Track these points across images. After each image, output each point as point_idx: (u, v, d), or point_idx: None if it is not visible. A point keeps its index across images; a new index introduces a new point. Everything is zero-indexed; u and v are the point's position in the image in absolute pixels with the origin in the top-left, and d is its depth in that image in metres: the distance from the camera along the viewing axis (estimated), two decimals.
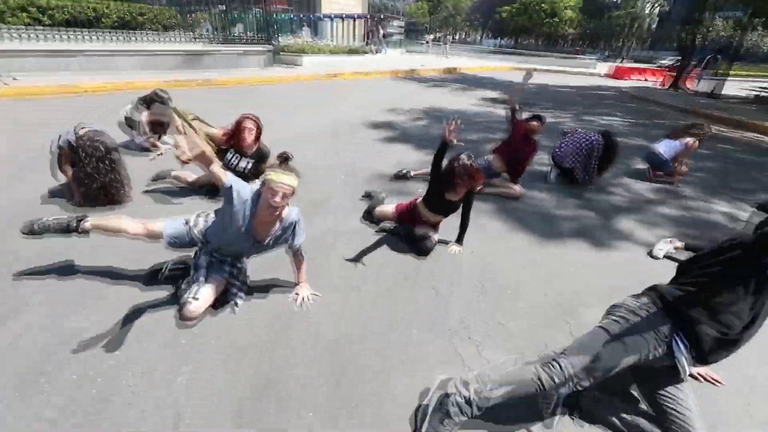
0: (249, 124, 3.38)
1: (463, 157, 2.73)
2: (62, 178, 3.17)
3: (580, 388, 1.49)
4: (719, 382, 1.90)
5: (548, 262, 2.92)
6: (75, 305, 2.11)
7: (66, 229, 2.21)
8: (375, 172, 4.46)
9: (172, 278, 2.32)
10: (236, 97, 8.25)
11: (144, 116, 4.35)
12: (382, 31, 23.67)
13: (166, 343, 1.92)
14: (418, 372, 1.86)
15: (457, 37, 67.49)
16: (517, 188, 4.11)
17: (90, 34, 9.62)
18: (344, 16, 21.27)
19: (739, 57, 16.44)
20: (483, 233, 3.28)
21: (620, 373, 1.52)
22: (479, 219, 3.52)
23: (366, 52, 17.62)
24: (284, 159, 2.00)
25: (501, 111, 8.99)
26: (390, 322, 2.18)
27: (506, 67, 22.68)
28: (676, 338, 1.45)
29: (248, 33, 12.70)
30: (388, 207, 3.21)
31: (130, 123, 4.42)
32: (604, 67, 25.40)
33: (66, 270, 2.39)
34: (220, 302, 2.15)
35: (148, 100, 4.38)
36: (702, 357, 1.46)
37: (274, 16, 14.02)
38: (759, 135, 8.83)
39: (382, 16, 26.99)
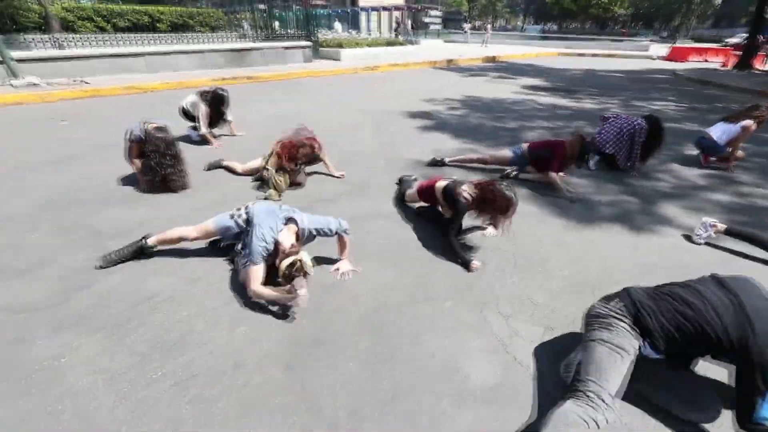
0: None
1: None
2: (134, 166, 3.61)
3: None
4: None
5: (582, 243, 2.96)
6: (151, 272, 2.47)
7: (140, 252, 2.55)
8: (413, 158, 4.61)
9: (228, 249, 2.63)
10: (282, 90, 8.69)
11: (203, 110, 4.76)
12: (410, 22, 23.40)
13: (227, 302, 2.22)
14: (449, 336, 2.03)
15: (498, 24, 65.24)
16: (552, 178, 3.90)
17: (149, 38, 10.45)
18: (381, 8, 21.37)
19: None
20: (518, 216, 3.33)
21: None
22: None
23: (402, 44, 17.60)
24: None
25: (541, 98, 8.78)
26: (425, 294, 2.35)
27: (552, 53, 21.79)
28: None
29: (289, 30, 13.19)
30: (413, 189, 3.27)
31: (187, 113, 4.86)
32: (659, 49, 23.71)
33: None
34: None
35: (210, 98, 4.79)
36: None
37: (314, 12, 14.40)
38: None
39: (419, 7, 26.75)
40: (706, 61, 19.62)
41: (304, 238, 2.37)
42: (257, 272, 2.14)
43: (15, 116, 6.08)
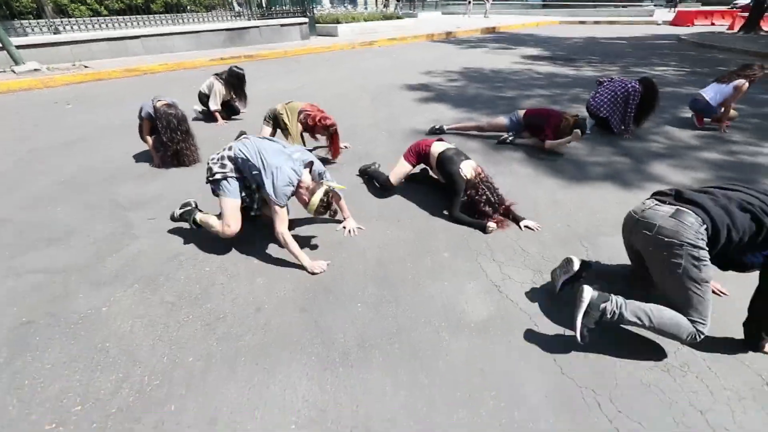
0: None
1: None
2: (147, 143, 3.78)
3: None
4: (723, 293, 2.09)
5: (574, 200, 3.12)
6: (173, 236, 2.68)
7: (190, 221, 2.58)
8: (412, 128, 4.74)
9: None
10: (281, 68, 8.71)
11: (217, 88, 4.86)
12: None
13: (245, 258, 2.44)
14: (447, 281, 2.24)
15: None
16: (548, 145, 4.00)
17: (144, 19, 10.37)
18: None
19: None
20: (513, 177, 3.52)
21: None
22: (511, 165, 3.75)
23: (400, 18, 17.29)
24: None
25: (540, 68, 8.76)
26: (424, 247, 2.55)
27: (553, 22, 21.31)
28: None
29: (284, 7, 13.00)
30: (402, 167, 3.19)
31: (202, 98, 5.00)
32: (664, 14, 23.08)
33: (164, 210, 2.97)
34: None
35: (226, 76, 4.88)
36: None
37: None
38: None
39: None
40: (713, 24, 19.16)
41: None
42: (284, 214, 2.23)
43: (22, 102, 6.22)
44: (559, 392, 1.61)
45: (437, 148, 2.99)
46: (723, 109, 4.61)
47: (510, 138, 4.24)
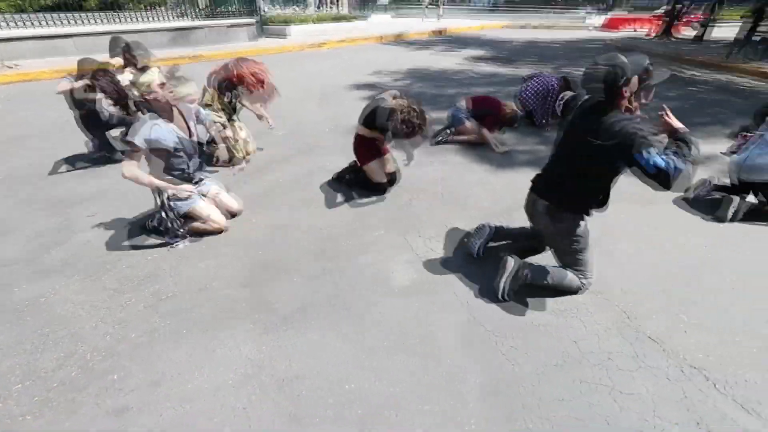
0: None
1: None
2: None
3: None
4: None
5: (502, 183, 3.50)
6: (119, 228, 2.75)
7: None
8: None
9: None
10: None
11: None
12: None
13: (190, 244, 2.56)
14: (379, 254, 2.50)
15: None
16: (485, 133, 4.33)
17: (78, 17, 9.87)
18: None
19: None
20: (448, 165, 3.86)
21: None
22: (445, 155, 4.10)
23: (350, 20, 17.53)
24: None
25: (482, 68, 9.33)
26: (361, 226, 2.80)
27: (497, 25, 22.45)
28: None
29: (233, 6, 12.82)
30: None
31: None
32: (598, 20, 25.00)
33: (106, 207, 3.00)
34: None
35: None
36: None
37: None
38: (732, 75, 9.14)
39: None
40: (635, 30, 21.03)
41: None
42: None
43: None
44: (469, 336, 1.90)
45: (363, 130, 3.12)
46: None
47: (448, 131, 4.57)
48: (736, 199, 2.89)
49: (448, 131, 4.57)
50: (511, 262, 2.12)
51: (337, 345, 1.85)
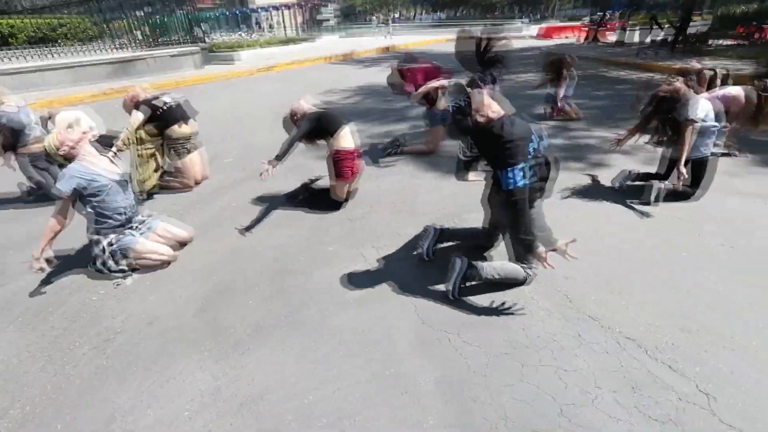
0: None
1: None
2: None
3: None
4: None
5: (451, 188, 3.65)
6: (59, 269, 2.61)
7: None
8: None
9: None
10: None
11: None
12: (264, 19, 22.66)
13: (138, 278, 2.49)
14: (334, 268, 2.54)
15: (398, 15, 67.35)
16: (435, 140, 4.55)
17: (6, 52, 9.37)
18: (276, 6, 21.16)
19: (646, 6, 17.98)
20: (398, 175, 3.98)
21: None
22: (397, 165, 4.23)
23: (299, 42, 17.73)
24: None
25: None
26: (316, 242, 2.84)
27: (443, 40, 23.43)
28: None
29: (175, 35, 12.64)
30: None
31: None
32: (534, 30, 26.72)
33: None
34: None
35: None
36: None
37: (201, 14, 13.89)
38: (651, 73, 10.06)
39: (312, 4, 26.89)
40: (567, 37, 22.66)
41: None
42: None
43: None
44: (423, 337, 1.97)
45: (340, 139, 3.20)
46: (568, 103, 5.70)
47: (397, 148, 4.70)
48: (657, 183, 3.19)
49: (399, 143, 4.72)
50: (459, 263, 2.22)
51: (294, 360, 1.85)
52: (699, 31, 14.07)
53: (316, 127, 3.18)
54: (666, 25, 13.06)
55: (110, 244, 2.40)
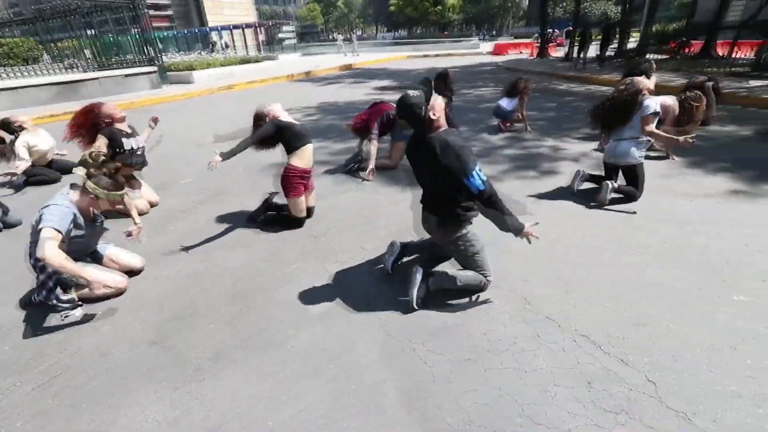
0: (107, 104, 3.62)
1: None
2: None
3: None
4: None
5: (408, 201, 3.71)
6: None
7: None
8: (269, 162, 4.98)
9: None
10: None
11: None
12: (217, 38, 22.63)
13: (87, 310, 2.34)
14: (296, 286, 2.51)
15: (361, 32, 68.68)
16: (397, 155, 4.62)
17: None
18: (232, 27, 21.03)
19: (581, 25, 19.34)
20: (358, 191, 4.01)
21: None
22: (356, 181, 4.25)
23: (258, 61, 17.66)
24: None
25: (389, 96, 9.91)
26: (276, 261, 2.79)
27: (402, 57, 24.08)
28: None
29: (128, 55, 12.25)
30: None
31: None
32: (488, 46, 28.05)
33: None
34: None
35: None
36: None
37: (155, 34, 13.56)
38: (597, 86, 10.79)
39: (271, 23, 26.96)
40: (520, 53, 23.95)
41: None
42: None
43: None
44: (388, 348, 1.98)
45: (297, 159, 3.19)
46: (519, 115, 5.97)
47: (359, 163, 4.74)
48: (609, 183, 3.41)
49: (360, 158, 4.77)
50: (419, 274, 2.27)
51: (256, 384, 1.80)
52: (635, 47, 15.35)
53: (279, 136, 3.14)
54: (594, 43, 14.45)
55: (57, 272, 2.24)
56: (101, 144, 3.37)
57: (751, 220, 3.08)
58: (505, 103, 5.95)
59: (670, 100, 3.86)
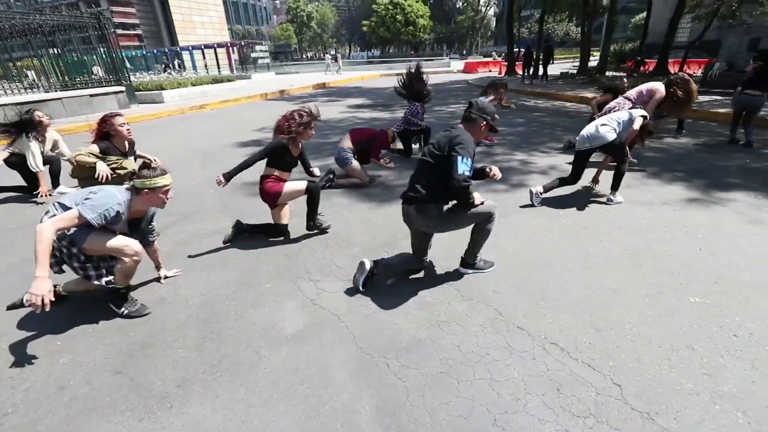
0: (120, 120, 3.90)
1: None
2: None
3: None
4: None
5: (381, 217, 3.75)
6: None
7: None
8: (242, 180, 4.92)
9: None
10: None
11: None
12: (169, 60, 22.88)
13: (44, 340, 2.21)
14: (268, 306, 2.46)
15: (334, 52, 69.89)
16: (364, 176, 4.71)
17: None
18: (204, 46, 20.95)
19: (551, 44, 20.41)
20: (331, 208, 4.01)
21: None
22: (330, 198, 4.27)
23: (231, 80, 17.60)
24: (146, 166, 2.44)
25: (363, 114, 10.06)
26: (248, 282, 2.74)
27: (375, 75, 24.54)
28: None
29: (93, 75, 11.96)
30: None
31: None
32: (458, 65, 29.02)
33: None
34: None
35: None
36: None
37: (123, 54, 13.33)
38: (562, 102, 11.32)
39: (243, 43, 27.04)
40: (490, 71, 24.91)
41: None
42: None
43: None
44: (361, 365, 1.96)
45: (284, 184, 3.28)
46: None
47: (331, 181, 4.77)
48: (535, 188, 3.87)
49: (332, 176, 4.79)
50: (367, 264, 2.53)
51: (225, 409, 1.75)
52: (596, 65, 16.26)
53: (280, 155, 3.34)
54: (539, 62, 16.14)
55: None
56: (91, 149, 3.78)
57: (704, 226, 3.28)
58: None
59: (658, 84, 4.39)
